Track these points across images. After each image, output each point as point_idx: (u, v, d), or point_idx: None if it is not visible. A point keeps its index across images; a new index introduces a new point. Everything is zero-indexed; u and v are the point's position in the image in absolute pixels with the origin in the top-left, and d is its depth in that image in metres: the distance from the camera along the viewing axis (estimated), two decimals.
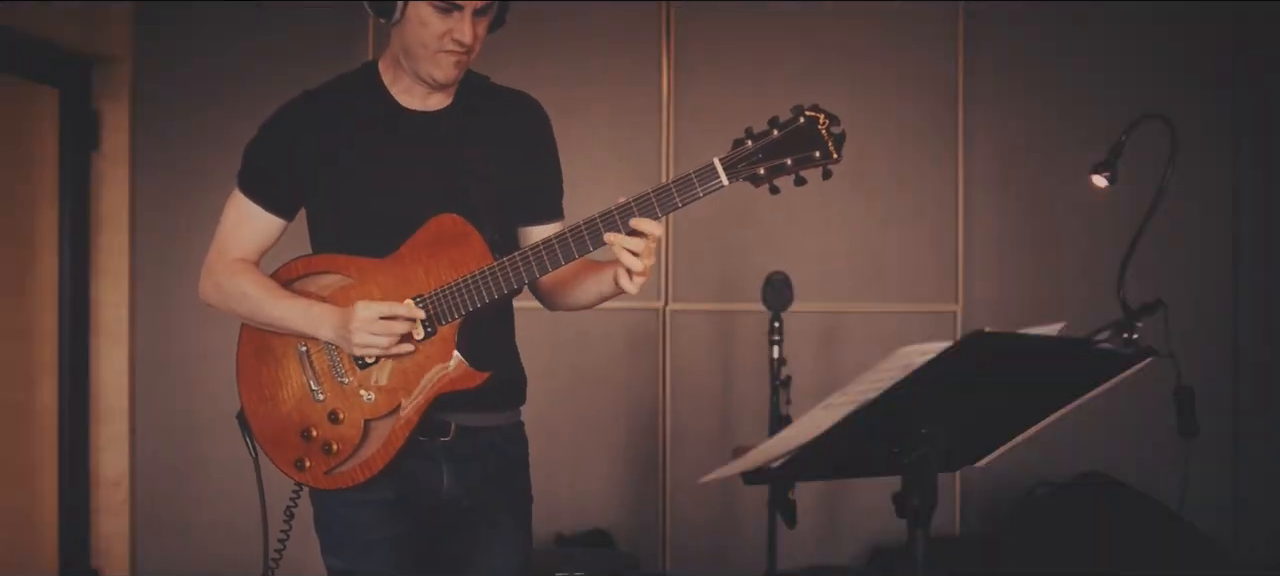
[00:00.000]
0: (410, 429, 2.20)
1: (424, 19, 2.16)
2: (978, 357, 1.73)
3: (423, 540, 2.28)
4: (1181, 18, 4.53)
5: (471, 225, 2.18)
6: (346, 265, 2.23)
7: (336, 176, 2.25)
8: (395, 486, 2.24)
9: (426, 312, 2.17)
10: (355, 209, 2.25)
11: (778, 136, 2.03)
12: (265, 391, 2.27)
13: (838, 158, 2.03)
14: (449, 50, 2.18)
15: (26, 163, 4.13)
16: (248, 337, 2.30)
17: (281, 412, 2.25)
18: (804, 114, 2.03)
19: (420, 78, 2.24)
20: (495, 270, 2.13)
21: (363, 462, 2.21)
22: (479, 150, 2.28)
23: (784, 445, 1.82)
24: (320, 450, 2.22)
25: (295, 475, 2.25)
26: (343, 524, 2.26)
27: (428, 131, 2.28)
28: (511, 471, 2.37)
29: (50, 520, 4.17)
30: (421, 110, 2.29)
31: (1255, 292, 4.52)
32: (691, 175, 2.04)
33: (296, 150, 2.27)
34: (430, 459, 2.26)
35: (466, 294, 2.15)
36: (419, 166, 2.26)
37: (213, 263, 2.33)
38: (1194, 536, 3.98)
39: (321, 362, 2.23)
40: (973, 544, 4.38)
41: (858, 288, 4.47)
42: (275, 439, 2.26)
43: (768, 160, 2.03)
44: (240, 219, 2.32)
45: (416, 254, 2.19)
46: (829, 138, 2.03)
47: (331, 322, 2.18)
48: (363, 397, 2.21)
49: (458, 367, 2.18)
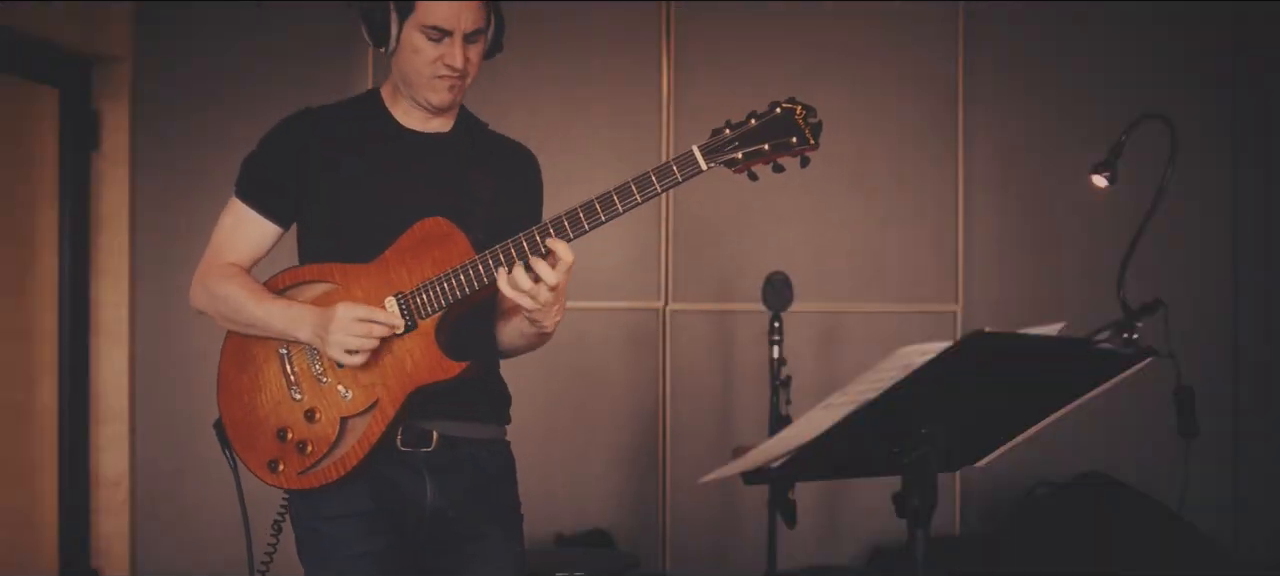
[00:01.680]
0: (387, 422, 2.19)
1: (417, 46, 2.22)
2: (978, 357, 1.73)
3: (407, 554, 2.27)
4: (1181, 18, 4.53)
5: (457, 227, 2.20)
6: (332, 272, 2.25)
7: (337, 187, 2.28)
8: (377, 498, 2.23)
9: (406, 309, 2.18)
10: (354, 220, 2.27)
11: (755, 125, 2.09)
12: (244, 398, 2.28)
13: (815, 144, 2.09)
14: (442, 76, 2.24)
15: (26, 163, 4.13)
16: (231, 347, 2.31)
17: (258, 416, 2.26)
18: (780, 105, 2.11)
19: (418, 103, 2.29)
20: (474, 262, 2.15)
21: (337, 460, 2.21)
22: (479, 175, 2.32)
23: (784, 445, 1.82)
24: (295, 450, 2.22)
25: (268, 477, 2.25)
26: (325, 540, 2.25)
27: (429, 150, 2.32)
28: (496, 483, 2.36)
29: (50, 520, 4.17)
30: (423, 131, 2.34)
31: (1255, 292, 4.52)
32: (670, 161, 2.09)
33: (298, 158, 2.29)
34: (413, 470, 2.26)
35: (446, 286, 2.16)
36: (420, 183, 2.29)
37: (205, 269, 2.36)
38: (1194, 536, 3.98)
39: (301, 363, 2.24)
40: (973, 544, 4.39)
41: (858, 288, 4.47)
42: (249, 442, 2.26)
43: (745, 146, 2.08)
44: (236, 225, 2.34)
45: (400, 256, 2.21)
46: (805, 126, 2.09)
47: (311, 323, 2.19)
48: (341, 394, 2.21)
49: (435, 358, 2.18)
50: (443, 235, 2.20)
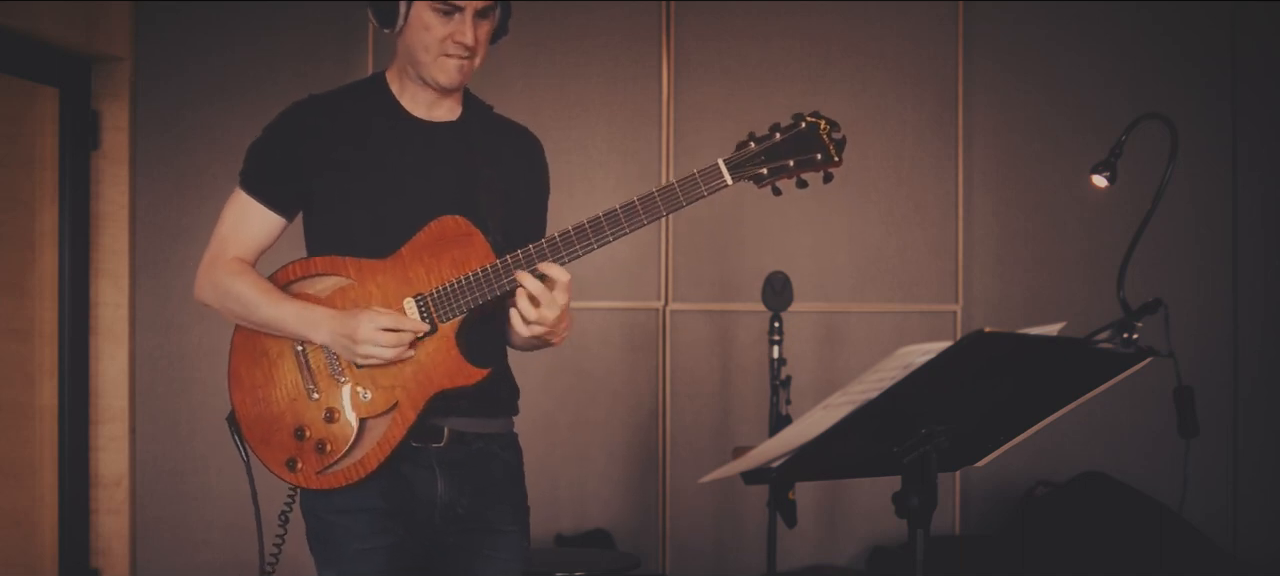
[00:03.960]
0: (407, 427, 2.18)
1: (426, 22, 2.18)
2: (978, 357, 1.73)
3: (417, 550, 2.26)
4: (1181, 18, 4.53)
5: (475, 226, 2.18)
6: (346, 266, 2.22)
7: (342, 178, 2.25)
8: (387, 493, 2.22)
9: (426, 312, 2.16)
10: (360, 211, 2.24)
11: (780, 139, 2.09)
12: (258, 392, 2.24)
13: (838, 161, 2.09)
14: (451, 54, 2.20)
15: (26, 163, 4.13)
16: (241, 339, 2.28)
17: (274, 412, 2.23)
18: (805, 119, 2.09)
19: (425, 82, 2.25)
20: (497, 267, 2.13)
21: (357, 462, 2.19)
22: (487, 163, 2.29)
23: (784, 445, 1.83)
24: (314, 449, 2.20)
25: (287, 475, 2.22)
26: (335, 533, 2.23)
27: (437, 139, 2.29)
28: (506, 479, 2.35)
29: (50, 520, 4.17)
30: (430, 120, 2.30)
31: (1255, 293, 4.52)
32: (696, 174, 2.07)
33: (302, 149, 2.26)
34: (424, 466, 2.24)
35: (468, 291, 2.15)
36: (427, 172, 2.26)
37: (210, 262, 2.32)
38: (1194, 536, 3.98)
39: (318, 360, 2.22)
40: (973, 544, 4.38)
41: (858, 288, 4.47)
42: (266, 438, 2.23)
43: (770, 161, 2.08)
44: (241, 217, 2.30)
45: (418, 254, 2.19)
46: (830, 142, 2.09)
47: (329, 327, 2.17)
48: (360, 396, 2.19)
49: (457, 364, 2.17)
50: (461, 235, 2.17)
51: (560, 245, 2.11)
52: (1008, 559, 4.14)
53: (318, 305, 2.20)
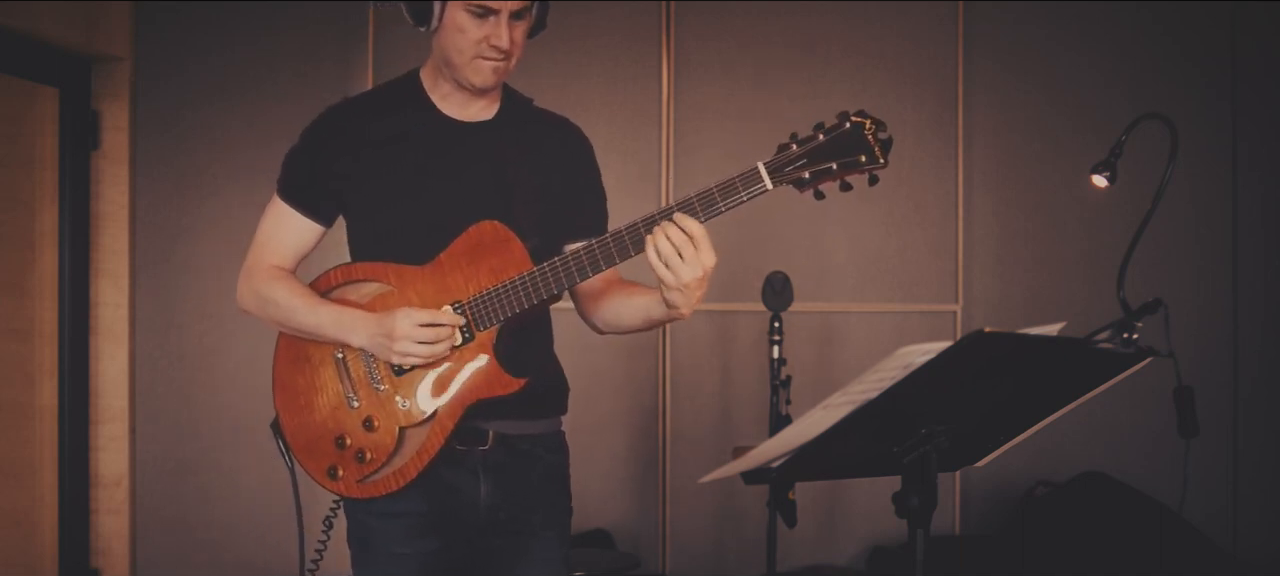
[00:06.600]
0: (445, 436, 2.16)
1: (461, 25, 2.14)
2: (978, 357, 1.72)
3: (458, 557, 2.23)
4: (1181, 18, 4.53)
5: (512, 232, 2.14)
6: (386, 273, 2.20)
7: (379, 184, 2.22)
8: (429, 499, 2.20)
9: (465, 319, 2.14)
10: (397, 216, 2.21)
11: (823, 140, 1.95)
12: (300, 399, 2.23)
13: (884, 163, 1.95)
14: (487, 56, 2.16)
15: (26, 163, 4.13)
16: (284, 345, 2.27)
17: (316, 420, 2.22)
18: (850, 119, 1.96)
19: (460, 84, 2.21)
20: (535, 275, 2.09)
21: (396, 471, 2.17)
22: (524, 163, 2.25)
23: (784, 445, 1.82)
24: (354, 458, 2.19)
25: (328, 484, 2.21)
26: (373, 536, 2.22)
27: (472, 141, 2.25)
28: (551, 482, 2.31)
29: (50, 520, 4.17)
30: (465, 120, 2.26)
31: (1255, 293, 4.52)
32: (736, 178, 1.95)
33: (338, 156, 2.24)
34: (468, 469, 2.22)
35: (505, 299, 2.11)
36: (463, 175, 2.22)
37: (250, 269, 2.31)
38: (1194, 536, 3.98)
39: (357, 369, 2.20)
40: (973, 544, 4.39)
41: (858, 288, 4.47)
42: (309, 447, 2.22)
43: (813, 164, 1.95)
44: (277, 224, 2.29)
45: (456, 261, 2.16)
46: (875, 142, 1.96)
47: (367, 330, 2.15)
48: (398, 404, 2.17)
49: (495, 374, 2.15)
50: (499, 241, 2.13)
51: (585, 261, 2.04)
52: (1008, 559, 4.14)
53: (356, 309, 2.19)
